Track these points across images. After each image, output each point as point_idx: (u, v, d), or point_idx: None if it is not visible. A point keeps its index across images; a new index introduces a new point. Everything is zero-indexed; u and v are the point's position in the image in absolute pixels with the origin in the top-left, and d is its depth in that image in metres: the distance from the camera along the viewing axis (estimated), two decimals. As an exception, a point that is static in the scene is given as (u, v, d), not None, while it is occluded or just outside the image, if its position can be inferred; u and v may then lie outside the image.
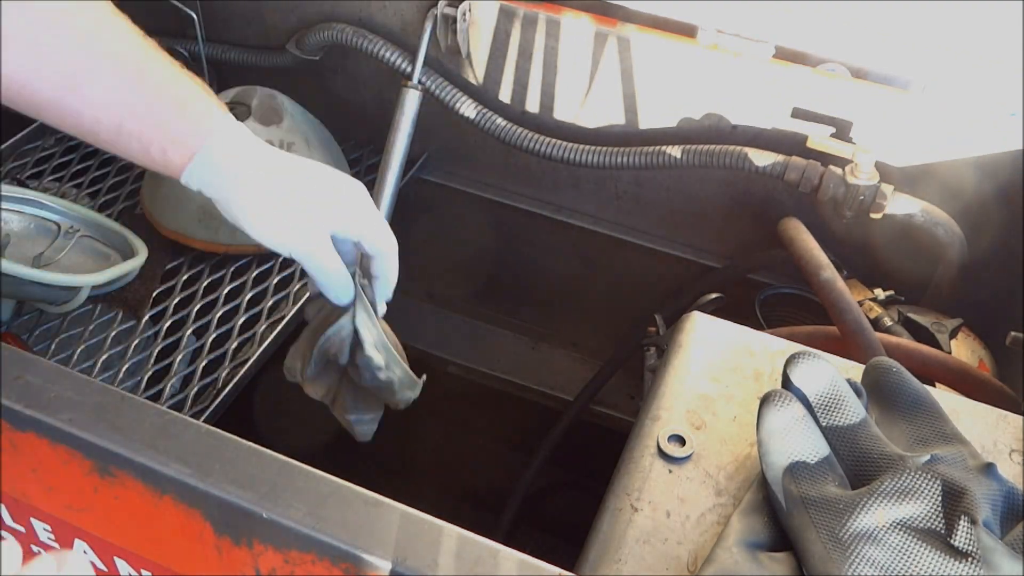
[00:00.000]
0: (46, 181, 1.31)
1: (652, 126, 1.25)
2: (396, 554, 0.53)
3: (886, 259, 1.21)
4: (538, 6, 1.22)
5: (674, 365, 0.72)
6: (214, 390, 1.07)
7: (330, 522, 0.54)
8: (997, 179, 1.11)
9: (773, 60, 1.16)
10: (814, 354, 0.62)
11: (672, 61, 1.19)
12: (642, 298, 1.41)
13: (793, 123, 1.17)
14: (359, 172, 1.38)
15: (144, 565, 0.65)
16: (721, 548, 0.56)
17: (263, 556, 0.57)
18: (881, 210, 1.12)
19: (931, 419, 0.61)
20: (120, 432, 0.58)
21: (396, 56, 1.28)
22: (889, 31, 1.11)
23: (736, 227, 1.30)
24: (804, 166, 1.14)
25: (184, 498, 0.57)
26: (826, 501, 0.55)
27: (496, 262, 1.54)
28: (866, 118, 1.13)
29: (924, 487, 0.54)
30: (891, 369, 0.64)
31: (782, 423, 0.58)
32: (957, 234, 1.14)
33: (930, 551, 0.52)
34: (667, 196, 1.32)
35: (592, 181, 1.36)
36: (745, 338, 0.75)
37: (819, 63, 1.17)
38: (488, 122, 1.29)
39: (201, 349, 1.11)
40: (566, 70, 1.25)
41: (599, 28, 1.20)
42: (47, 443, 0.59)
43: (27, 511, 0.66)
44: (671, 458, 0.64)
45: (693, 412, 0.68)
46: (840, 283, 1.04)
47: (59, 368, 0.61)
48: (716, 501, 0.62)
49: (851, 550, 0.53)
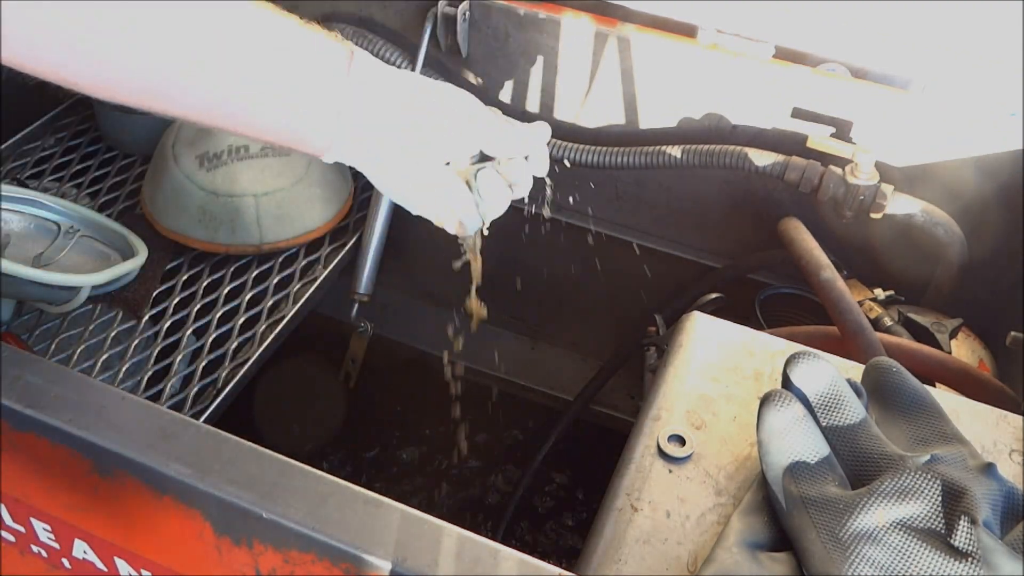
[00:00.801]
0: (46, 181, 1.31)
1: (652, 126, 1.25)
2: (396, 554, 0.53)
3: (886, 259, 1.21)
4: (538, 6, 1.22)
5: (674, 365, 0.72)
6: (214, 390, 1.07)
7: (330, 522, 0.54)
8: (997, 179, 1.11)
9: (773, 60, 1.16)
10: (814, 354, 0.62)
11: (672, 61, 1.19)
12: (642, 298, 1.41)
13: (793, 123, 1.17)
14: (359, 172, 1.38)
15: (144, 565, 0.65)
16: (721, 548, 0.56)
17: (263, 556, 0.57)
18: (881, 210, 1.12)
19: (931, 419, 0.61)
20: (120, 432, 0.58)
21: (396, 56, 1.28)
22: (889, 31, 1.11)
23: (736, 227, 1.30)
24: (804, 166, 1.14)
25: (184, 498, 0.57)
26: (826, 501, 0.55)
27: (496, 262, 1.54)
28: (866, 118, 1.13)
29: (924, 487, 0.54)
30: (891, 369, 0.64)
31: (782, 423, 0.58)
32: (957, 234, 1.14)
33: (930, 551, 0.52)
34: (667, 196, 1.32)
35: (592, 181, 1.36)
36: (745, 338, 0.75)
37: (819, 63, 1.17)
38: (488, 122, 1.29)
39: (201, 349, 1.11)
40: (566, 70, 1.25)
41: (599, 28, 1.20)
42: (47, 443, 0.59)
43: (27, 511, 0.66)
44: (671, 458, 0.64)
45: (693, 412, 0.68)
46: (840, 283, 1.04)
47: (59, 368, 0.61)
48: (716, 501, 0.62)
49: (851, 550, 0.53)
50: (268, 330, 1.14)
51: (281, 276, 1.22)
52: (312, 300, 1.21)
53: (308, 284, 1.21)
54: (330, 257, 1.26)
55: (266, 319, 1.16)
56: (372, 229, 1.30)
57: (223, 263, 1.22)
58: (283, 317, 1.16)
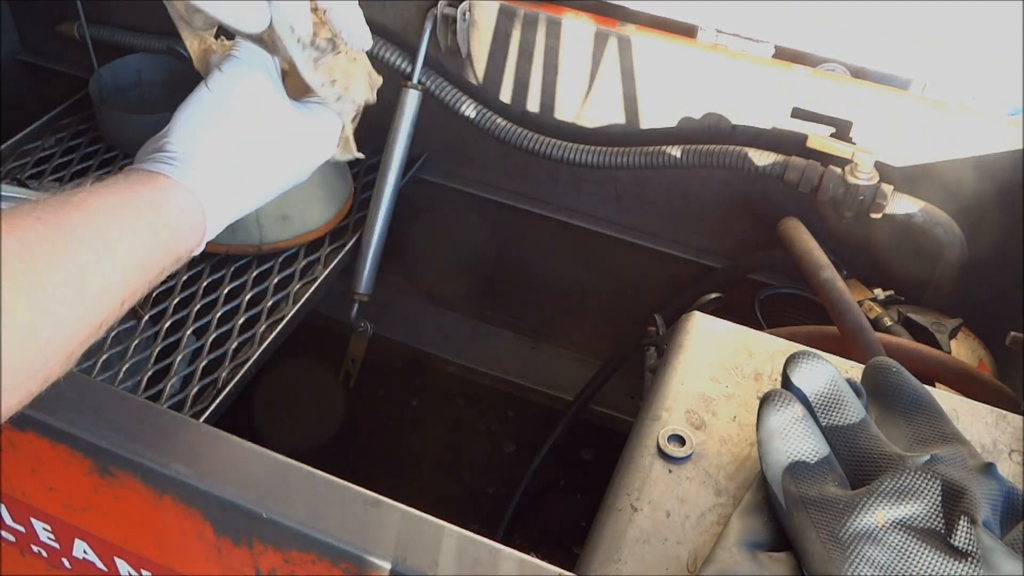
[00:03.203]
0: (46, 181, 1.31)
1: (652, 126, 1.26)
2: (396, 554, 0.53)
3: (886, 259, 1.21)
4: (538, 6, 1.22)
5: (674, 365, 0.72)
6: (214, 390, 1.07)
7: (330, 522, 0.54)
8: (997, 179, 1.11)
9: (773, 60, 1.16)
10: (814, 354, 0.62)
11: (672, 61, 1.19)
12: (642, 298, 1.41)
13: (793, 123, 1.17)
14: (359, 172, 1.38)
15: (144, 565, 0.65)
16: (721, 548, 0.56)
17: (263, 556, 0.57)
18: (881, 210, 1.12)
19: (931, 419, 0.61)
20: (120, 432, 0.58)
21: (396, 56, 1.28)
22: (889, 31, 1.11)
23: (736, 227, 1.30)
24: (804, 166, 1.14)
25: (184, 498, 0.57)
26: (826, 501, 0.55)
27: (496, 262, 1.54)
28: (866, 118, 1.13)
29: (924, 487, 0.54)
30: (891, 369, 0.64)
31: (782, 423, 0.58)
32: (957, 234, 1.14)
33: (930, 551, 0.52)
34: (667, 196, 1.32)
35: (592, 181, 1.36)
36: (745, 338, 0.75)
37: (819, 63, 1.17)
38: (488, 122, 1.29)
39: (201, 349, 1.11)
40: (566, 70, 1.25)
41: (599, 28, 1.20)
42: (47, 443, 0.59)
43: (27, 511, 0.66)
44: (671, 458, 0.64)
45: (693, 412, 0.68)
46: (840, 283, 1.04)
47: (59, 368, 0.61)
48: (716, 501, 0.62)
49: (851, 550, 0.53)
50: (268, 330, 1.14)
51: (281, 276, 1.22)
52: (312, 300, 1.21)
53: (308, 284, 1.21)
54: (330, 257, 1.26)
55: (266, 319, 1.16)
56: (372, 229, 1.30)
57: (223, 263, 1.22)
58: (283, 317, 1.16)
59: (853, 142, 1.14)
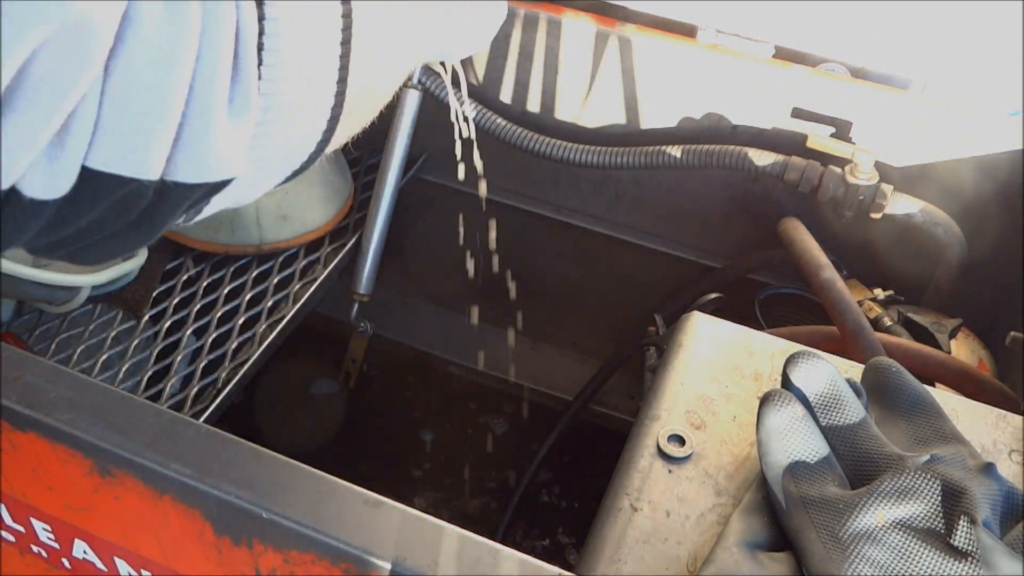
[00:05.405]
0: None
1: (652, 126, 1.26)
2: (396, 554, 0.53)
3: (886, 259, 1.21)
4: (538, 6, 1.22)
5: (674, 365, 0.72)
6: (214, 390, 1.07)
7: (330, 522, 0.54)
8: (997, 179, 1.11)
9: (773, 60, 1.16)
10: (814, 354, 0.62)
11: (672, 61, 1.19)
12: (642, 298, 1.41)
13: (793, 123, 1.17)
14: (359, 172, 1.38)
15: (144, 565, 0.65)
16: (721, 548, 0.56)
17: (263, 556, 0.57)
18: (881, 210, 1.12)
19: (931, 419, 0.61)
20: (120, 432, 0.58)
21: (396, 56, 1.28)
22: (889, 31, 1.11)
23: (736, 227, 1.30)
24: (804, 166, 1.14)
25: (184, 498, 0.57)
26: (826, 501, 0.55)
27: (496, 262, 1.54)
28: (866, 118, 1.13)
29: (924, 487, 0.54)
30: (891, 369, 0.64)
31: (782, 423, 0.58)
32: (957, 234, 1.14)
33: (930, 551, 0.52)
34: (667, 196, 1.32)
35: (592, 181, 1.36)
36: (745, 338, 0.75)
37: (819, 63, 1.17)
38: (488, 122, 1.29)
39: (201, 349, 1.11)
40: (566, 70, 1.25)
41: (599, 28, 1.20)
42: (47, 443, 0.59)
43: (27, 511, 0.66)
44: (671, 458, 0.64)
45: (693, 412, 0.68)
46: (840, 283, 1.04)
47: (59, 368, 0.61)
48: (716, 501, 0.62)
49: (851, 550, 0.53)
50: (268, 330, 1.14)
51: (281, 276, 1.22)
52: (312, 300, 1.21)
53: (308, 284, 1.21)
54: (330, 257, 1.26)
55: (266, 319, 1.16)
56: (372, 229, 1.30)
57: (223, 263, 1.22)
58: (283, 317, 1.16)
59: (853, 142, 1.14)
